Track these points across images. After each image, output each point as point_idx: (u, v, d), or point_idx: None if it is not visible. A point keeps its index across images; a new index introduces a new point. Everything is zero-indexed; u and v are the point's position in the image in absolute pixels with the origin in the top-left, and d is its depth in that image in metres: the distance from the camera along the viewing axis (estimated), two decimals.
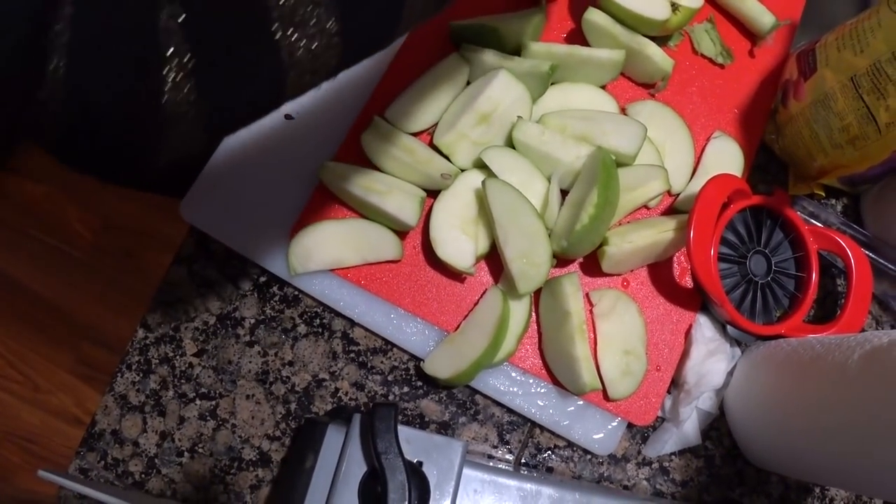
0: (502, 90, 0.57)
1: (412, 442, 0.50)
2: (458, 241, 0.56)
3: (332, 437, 0.50)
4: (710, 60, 0.67)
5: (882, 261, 0.65)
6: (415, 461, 0.49)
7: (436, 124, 0.60)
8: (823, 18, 0.76)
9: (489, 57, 0.59)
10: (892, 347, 0.46)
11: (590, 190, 0.53)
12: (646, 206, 0.61)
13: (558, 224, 0.56)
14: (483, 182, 0.55)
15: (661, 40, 0.66)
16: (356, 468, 0.48)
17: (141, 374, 0.58)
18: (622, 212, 0.59)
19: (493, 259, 0.58)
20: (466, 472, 0.51)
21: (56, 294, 1.41)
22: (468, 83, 0.61)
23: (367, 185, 0.55)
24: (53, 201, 1.45)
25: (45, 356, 1.38)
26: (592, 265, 0.59)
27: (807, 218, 0.65)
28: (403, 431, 0.50)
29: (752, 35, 0.69)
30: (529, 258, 0.54)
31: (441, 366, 0.55)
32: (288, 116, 0.61)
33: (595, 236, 0.54)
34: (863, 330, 0.66)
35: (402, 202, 0.55)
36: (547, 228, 0.56)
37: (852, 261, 0.62)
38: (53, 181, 1.46)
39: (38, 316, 1.40)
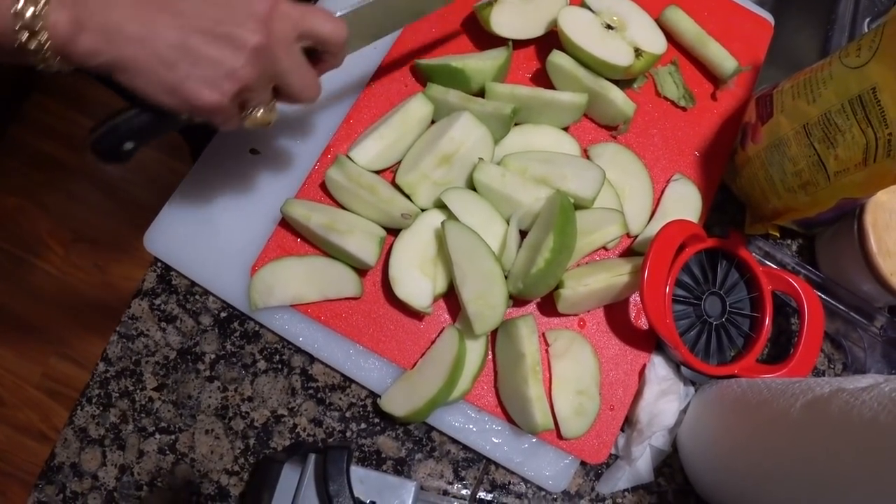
0: (465, 131, 0.58)
1: (365, 482, 0.51)
2: (417, 280, 0.56)
3: (288, 477, 0.50)
4: (673, 103, 0.69)
5: (834, 302, 0.66)
6: (367, 502, 0.49)
7: (399, 162, 0.61)
8: (789, 62, 0.78)
9: (453, 97, 0.60)
10: (832, 398, 0.47)
11: (546, 234, 0.54)
12: (604, 248, 0.62)
13: (516, 266, 0.57)
14: (442, 223, 0.56)
15: (626, 83, 0.68)
16: None
17: (101, 408, 0.58)
18: (579, 254, 0.60)
19: (452, 298, 0.59)
20: None
21: (25, 308, 1.39)
22: (433, 122, 0.62)
23: (328, 224, 0.56)
24: (25, 214, 1.43)
25: (11, 371, 1.36)
26: (550, 305, 0.60)
27: (761, 259, 0.67)
28: (357, 472, 0.51)
29: (714, 79, 0.70)
30: (486, 299, 0.55)
31: (397, 403, 0.56)
32: (253, 151, 0.62)
33: (551, 279, 0.55)
34: (815, 369, 0.67)
35: (361, 242, 0.55)
36: (504, 270, 0.57)
37: (805, 301, 0.63)
38: (25, 194, 1.44)
39: (5, 330, 1.38)
